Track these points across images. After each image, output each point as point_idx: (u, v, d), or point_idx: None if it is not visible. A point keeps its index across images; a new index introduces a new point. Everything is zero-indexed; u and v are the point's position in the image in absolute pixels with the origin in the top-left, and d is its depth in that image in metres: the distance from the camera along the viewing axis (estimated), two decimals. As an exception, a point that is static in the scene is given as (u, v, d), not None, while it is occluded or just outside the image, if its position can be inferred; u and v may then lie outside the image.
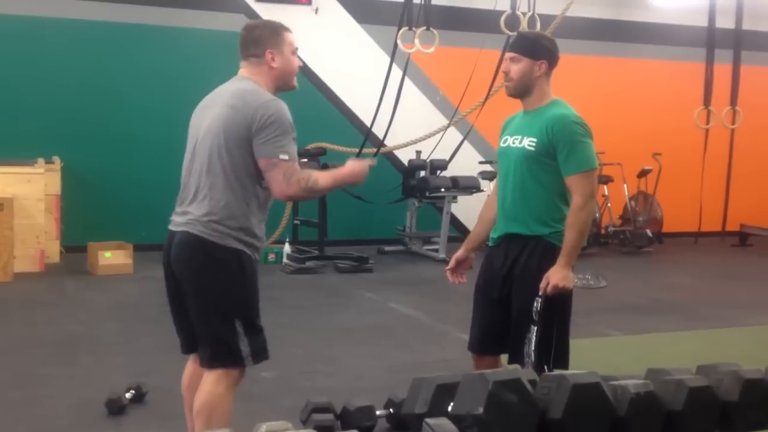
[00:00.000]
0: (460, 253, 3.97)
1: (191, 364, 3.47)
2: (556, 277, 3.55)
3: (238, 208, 3.14)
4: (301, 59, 3.41)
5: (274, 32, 3.28)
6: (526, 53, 3.66)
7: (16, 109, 8.83)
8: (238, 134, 3.13)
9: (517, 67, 3.68)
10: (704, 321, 6.98)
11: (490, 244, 3.85)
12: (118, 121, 9.22)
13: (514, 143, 3.73)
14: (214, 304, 3.15)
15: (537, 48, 3.68)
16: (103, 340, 5.84)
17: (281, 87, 3.34)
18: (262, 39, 3.26)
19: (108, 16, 9.14)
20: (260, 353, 3.21)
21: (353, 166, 3.27)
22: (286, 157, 3.09)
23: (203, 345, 3.21)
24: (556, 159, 3.58)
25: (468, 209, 10.34)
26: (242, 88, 3.25)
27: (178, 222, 3.29)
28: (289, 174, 3.09)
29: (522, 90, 3.70)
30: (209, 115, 3.28)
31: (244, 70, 3.33)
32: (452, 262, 4.01)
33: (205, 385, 3.18)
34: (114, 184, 9.24)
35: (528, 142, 3.64)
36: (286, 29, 3.33)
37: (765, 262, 10.39)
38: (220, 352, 3.16)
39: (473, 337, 3.86)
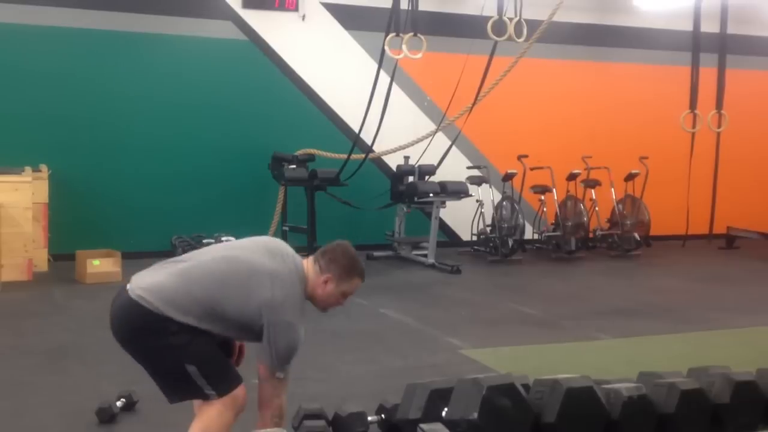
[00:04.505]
0: None
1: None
2: None
3: None
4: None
5: (350, 271, 3.36)
6: None
7: (3, 118, 8.77)
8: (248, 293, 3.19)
9: None
10: (693, 324, 7.01)
11: None
12: (105, 128, 9.18)
13: None
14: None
15: None
16: (92, 349, 5.80)
17: (315, 303, 3.42)
18: (335, 262, 3.34)
19: (95, 24, 9.10)
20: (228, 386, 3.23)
21: None
22: (281, 375, 3.20)
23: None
24: None
25: (456, 214, 10.37)
26: (286, 266, 3.27)
27: None
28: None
29: None
30: (245, 249, 3.36)
31: (307, 261, 3.37)
32: None
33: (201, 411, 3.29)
34: (102, 192, 9.20)
35: None
36: (360, 278, 3.41)
37: (752, 264, 10.44)
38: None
39: None
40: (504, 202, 10.21)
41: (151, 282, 3.21)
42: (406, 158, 10.03)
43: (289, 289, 3.21)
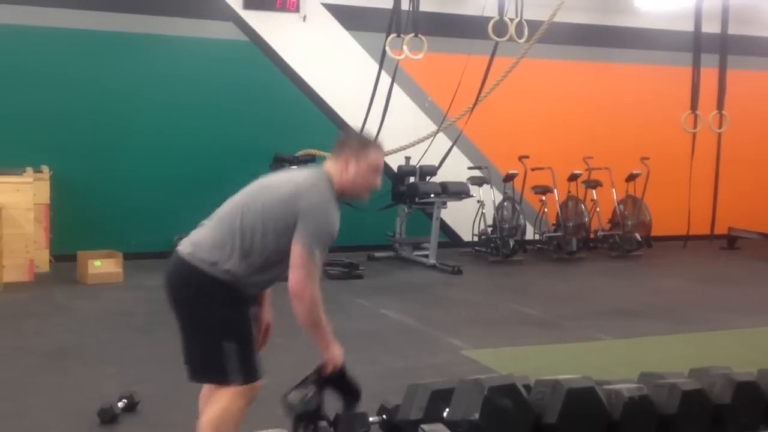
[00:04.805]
0: None
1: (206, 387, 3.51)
2: None
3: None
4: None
5: (363, 145, 3.38)
6: None
7: (5, 118, 8.78)
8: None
9: None
10: (694, 324, 7.01)
11: None
12: (107, 129, 9.19)
13: None
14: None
15: None
16: (93, 349, 5.81)
17: (347, 194, 3.41)
18: (347, 144, 3.38)
19: (96, 25, 9.11)
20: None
21: (339, 360, 3.46)
22: (318, 256, 3.15)
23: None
24: None
25: (457, 215, 10.37)
26: (314, 179, 3.31)
27: None
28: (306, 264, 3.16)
29: None
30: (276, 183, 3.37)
31: (325, 164, 3.40)
32: None
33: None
34: (103, 193, 9.20)
35: None
36: (378, 147, 3.42)
37: (753, 264, 10.44)
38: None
39: None
40: (505, 203, 10.22)
41: (195, 239, 3.28)
42: (407, 159, 10.03)
43: (314, 186, 3.25)
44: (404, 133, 9.86)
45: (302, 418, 3.39)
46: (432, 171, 9.96)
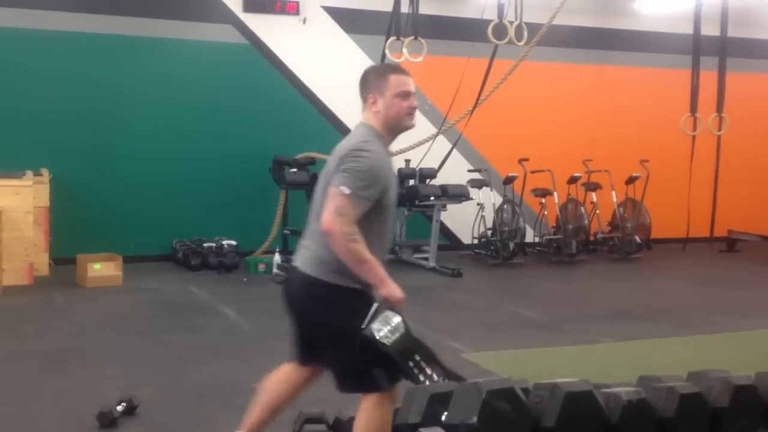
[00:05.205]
0: None
1: (288, 371, 3.54)
2: None
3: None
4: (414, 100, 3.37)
5: (379, 75, 3.30)
6: None
7: (5, 121, 8.78)
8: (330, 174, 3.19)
9: None
10: (694, 327, 7.01)
11: None
12: (106, 132, 9.19)
13: None
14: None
15: None
16: (93, 353, 5.81)
17: (392, 129, 3.36)
18: (366, 82, 3.32)
19: (96, 28, 9.11)
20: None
21: (399, 294, 3.17)
22: (347, 191, 3.06)
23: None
24: None
25: (457, 217, 10.37)
26: (350, 134, 3.34)
27: None
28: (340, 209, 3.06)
29: None
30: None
31: (363, 112, 3.37)
32: None
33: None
34: (103, 196, 9.20)
35: None
36: (395, 72, 3.32)
37: (753, 267, 10.44)
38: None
39: None
40: (505, 206, 10.22)
41: (306, 253, 3.26)
42: (407, 161, 10.04)
43: (349, 138, 3.26)
44: (404, 135, 9.80)
45: (408, 353, 3.13)
46: (432, 174, 9.96)
